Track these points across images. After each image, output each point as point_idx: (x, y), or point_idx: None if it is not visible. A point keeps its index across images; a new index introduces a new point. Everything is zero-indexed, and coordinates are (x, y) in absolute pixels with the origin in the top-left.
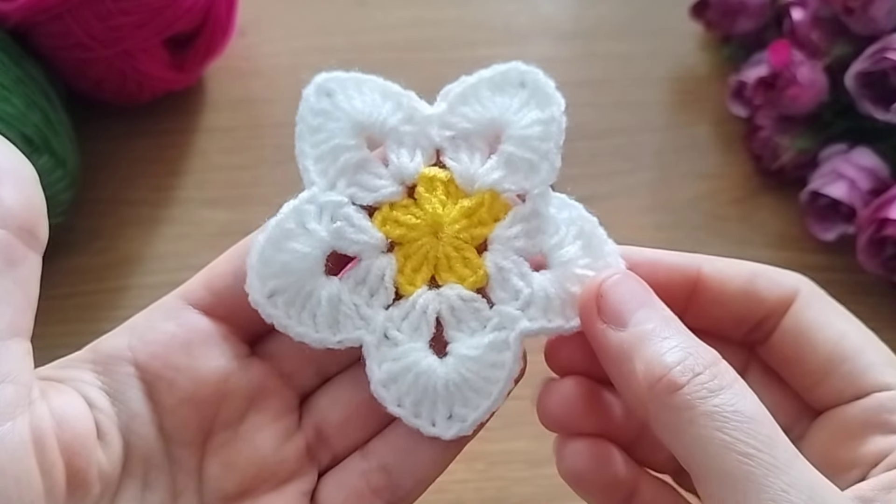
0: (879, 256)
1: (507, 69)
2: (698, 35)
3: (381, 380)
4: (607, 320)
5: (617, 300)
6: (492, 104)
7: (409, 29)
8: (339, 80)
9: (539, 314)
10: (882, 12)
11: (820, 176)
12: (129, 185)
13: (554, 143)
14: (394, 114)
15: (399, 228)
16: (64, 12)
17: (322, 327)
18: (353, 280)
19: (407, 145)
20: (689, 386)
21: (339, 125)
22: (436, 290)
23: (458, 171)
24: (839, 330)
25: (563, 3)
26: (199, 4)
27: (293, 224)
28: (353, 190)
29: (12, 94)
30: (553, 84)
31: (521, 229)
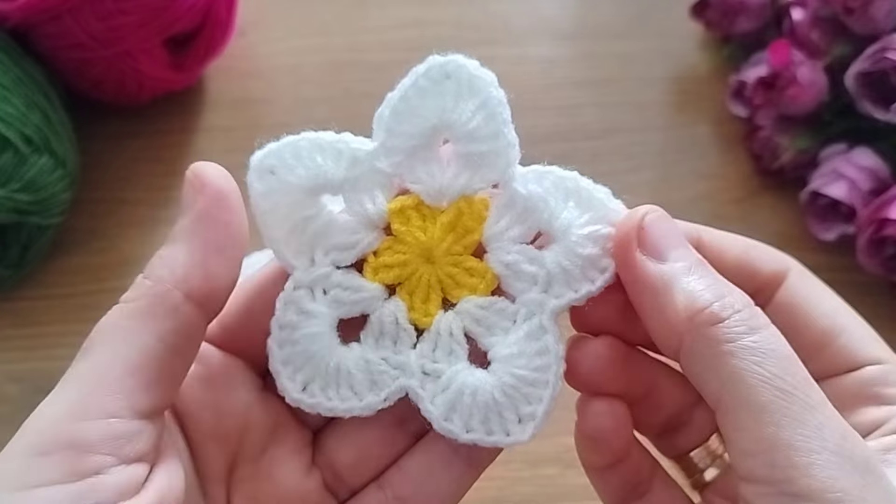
0: (879, 256)
1: (426, 68)
2: (698, 35)
3: (440, 415)
4: (647, 252)
5: (658, 235)
6: (427, 112)
7: (409, 29)
8: (274, 153)
9: (563, 289)
10: (882, 12)
11: (820, 176)
12: (129, 185)
13: (501, 121)
14: (338, 165)
15: (392, 271)
16: (64, 12)
17: (363, 394)
18: (372, 337)
19: (364, 189)
20: (730, 320)
21: (293, 199)
22: (452, 309)
23: (423, 191)
24: (832, 306)
25: (563, 4)
26: (199, 4)
27: (293, 314)
28: (333, 255)
29: (12, 95)
30: (477, 63)
31: (510, 218)
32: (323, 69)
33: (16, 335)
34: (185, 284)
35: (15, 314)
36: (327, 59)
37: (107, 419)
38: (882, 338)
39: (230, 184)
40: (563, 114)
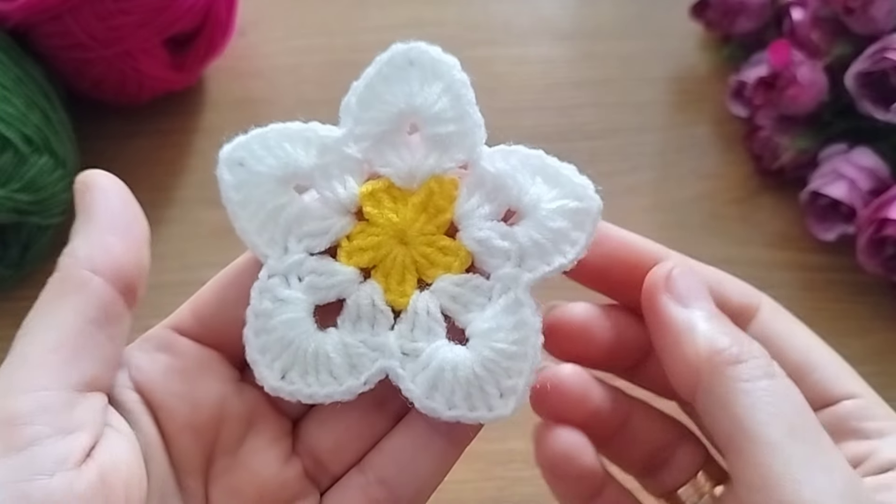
0: (879, 256)
1: (389, 56)
2: (698, 35)
3: (422, 393)
4: (674, 297)
5: (684, 285)
6: (393, 97)
7: (410, 29)
8: (242, 145)
9: (536, 262)
10: (882, 12)
11: (820, 176)
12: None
13: (466, 102)
14: (307, 153)
15: (366, 254)
16: (64, 12)
17: (344, 378)
18: (349, 321)
19: (334, 176)
20: (748, 363)
21: (264, 189)
22: (427, 289)
23: (393, 174)
24: (805, 341)
25: (563, 3)
26: (199, 4)
27: (268, 303)
28: (306, 242)
29: (12, 94)
30: (439, 49)
31: (480, 196)
32: (323, 69)
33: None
34: (88, 262)
35: (15, 314)
36: (328, 59)
37: (36, 392)
38: (882, 338)
39: (114, 179)
40: (563, 114)
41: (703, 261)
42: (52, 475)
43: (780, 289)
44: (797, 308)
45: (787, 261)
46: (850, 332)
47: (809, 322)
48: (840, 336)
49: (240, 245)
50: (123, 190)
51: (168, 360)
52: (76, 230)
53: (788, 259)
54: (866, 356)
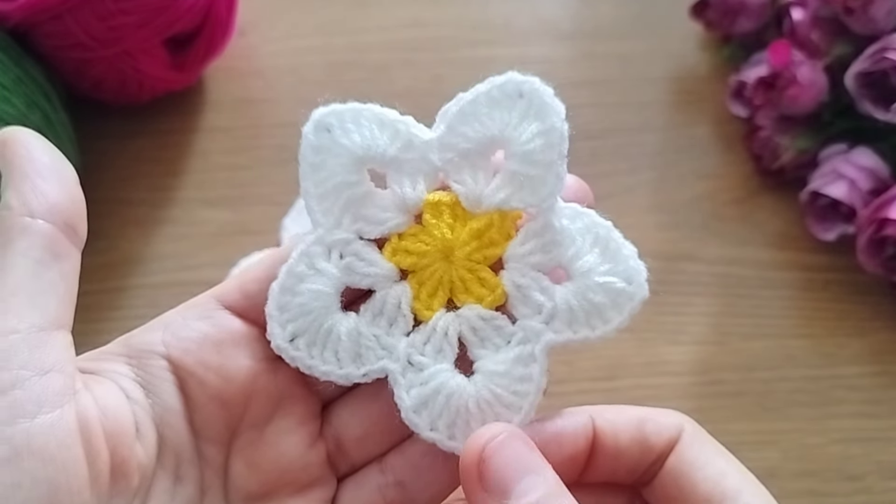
0: (879, 256)
1: (504, 81)
2: (698, 35)
3: (411, 406)
4: (489, 490)
5: (500, 467)
6: (490, 121)
7: (410, 29)
8: (336, 113)
9: (564, 326)
10: (882, 12)
11: (820, 176)
12: (130, 185)
13: (557, 153)
14: (392, 143)
15: (410, 257)
16: (64, 12)
17: (346, 362)
18: (371, 312)
19: (408, 173)
20: None
21: (340, 161)
22: (454, 311)
23: (463, 193)
24: (719, 469)
25: (563, 4)
26: (200, 4)
27: (304, 266)
28: (360, 225)
29: (12, 94)
30: (551, 91)
31: (535, 245)
32: (323, 69)
33: None
34: (25, 208)
35: None
36: (327, 59)
37: (8, 336)
38: (882, 338)
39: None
40: None
41: (704, 261)
42: (33, 417)
43: (780, 289)
44: (797, 308)
45: (787, 261)
46: (849, 331)
47: (809, 322)
48: (840, 336)
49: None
50: (41, 140)
51: (206, 330)
52: (5, 185)
53: (788, 259)
54: (866, 356)
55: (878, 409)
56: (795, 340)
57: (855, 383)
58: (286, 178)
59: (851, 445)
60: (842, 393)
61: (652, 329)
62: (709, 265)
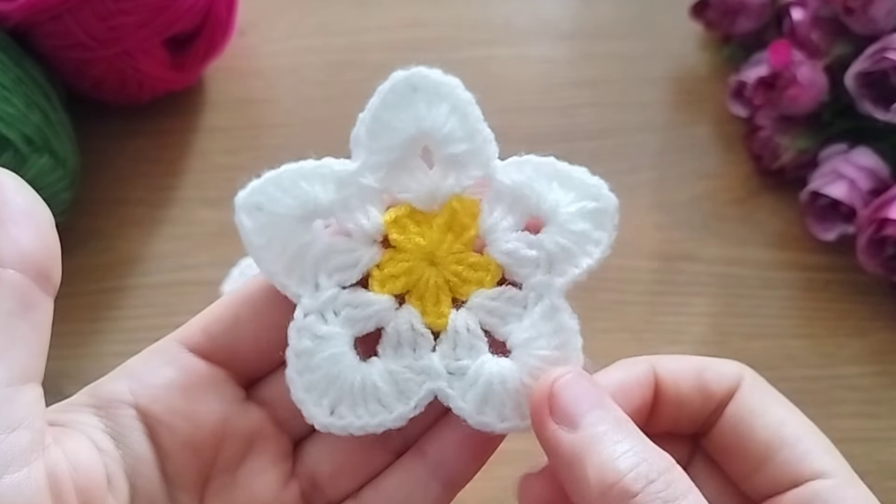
0: (879, 256)
1: (391, 84)
2: (698, 35)
3: (474, 410)
4: (559, 421)
5: (569, 400)
6: (401, 123)
7: (410, 29)
8: (258, 189)
9: (565, 265)
10: (882, 12)
11: (820, 176)
12: (129, 184)
13: (474, 120)
14: (325, 189)
15: (398, 280)
16: (64, 12)
17: (393, 405)
18: (391, 348)
19: (355, 207)
20: (642, 494)
21: (285, 230)
22: (464, 306)
23: (413, 198)
24: (778, 417)
25: (563, 3)
26: (199, 5)
27: (307, 341)
28: (337, 277)
29: (12, 94)
30: (439, 71)
31: (501, 209)
32: (323, 69)
33: None
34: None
35: None
36: (327, 59)
37: None
38: (882, 337)
39: (2, 173)
40: (563, 114)
41: (704, 261)
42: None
43: (780, 289)
44: (797, 308)
45: (787, 261)
46: (850, 331)
47: (809, 322)
48: (840, 336)
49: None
50: (15, 178)
51: (172, 376)
52: None
53: (788, 259)
54: (866, 356)
55: (878, 409)
56: (795, 340)
57: (855, 383)
58: None
59: (852, 445)
60: (842, 393)
61: (651, 329)
62: (709, 265)
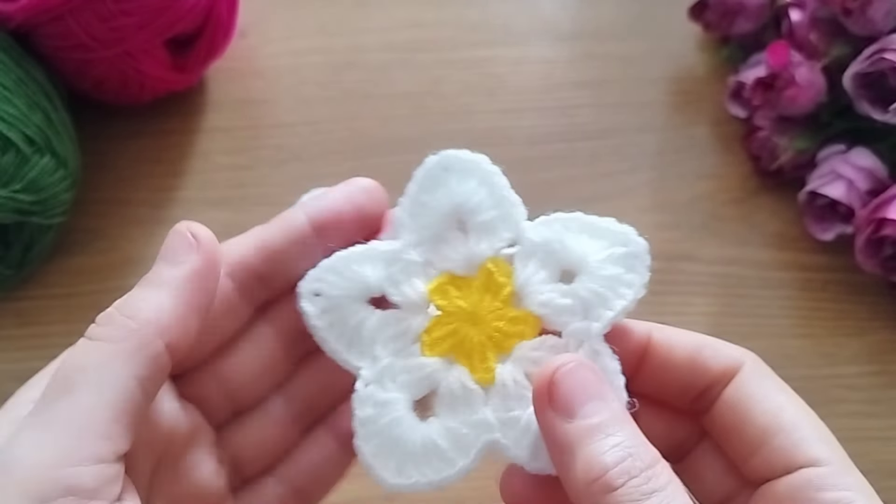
0: (877, 256)
1: (426, 169)
2: (697, 36)
3: (529, 456)
4: (557, 409)
5: (568, 390)
6: (436, 203)
7: (410, 30)
8: (316, 277)
9: (600, 310)
10: (880, 13)
11: (818, 176)
12: (131, 185)
13: (502, 189)
14: (374, 269)
15: (445, 342)
16: (65, 13)
17: (456, 459)
18: (446, 407)
19: (401, 282)
20: (623, 488)
21: (343, 312)
22: (508, 360)
23: (452, 267)
24: (778, 403)
25: (562, 4)
26: (201, 5)
27: (370, 409)
28: (391, 347)
29: (14, 95)
30: (466, 150)
31: (534, 265)
32: (323, 70)
33: (18, 335)
34: (167, 334)
35: (17, 314)
36: (328, 60)
37: (98, 464)
38: (880, 337)
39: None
40: (562, 114)
41: (703, 261)
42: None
43: (778, 289)
44: (796, 308)
45: (785, 261)
46: (848, 331)
47: (808, 322)
48: (838, 336)
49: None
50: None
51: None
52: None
53: (787, 259)
54: (864, 356)
55: (877, 409)
56: (794, 340)
57: (854, 383)
58: (287, 178)
59: (850, 445)
60: (841, 392)
61: None
62: (708, 265)
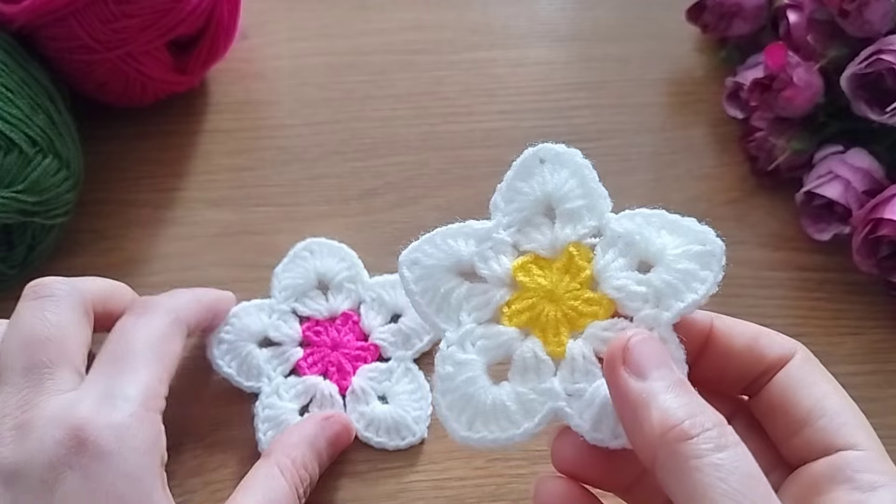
0: (874, 257)
1: (523, 158)
2: (695, 37)
3: (590, 427)
4: (631, 370)
5: (641, 354)
6: (530, 189)
7: (410, 32)
8: (416, 248)
9: (672, 301)
10: (877, 15)
11: (815, 177)
12: (133, 186)
13: (591, 181)
14: (467, 244)
15: (524, 314)
16: (68, 15)
17: (520, 422)
18: (518, 373)
19: (490, 258)
20: (698, 438)
21: (435, 280)
22: (580, 337)
23: (538, 248)
24: (824, 390)
25: (560, 7)
26: (202, 7)
27: (450, 367)
28: (475, 315)
29: (17, 97)
30: (563, 145)
31: (613, 253)
32: (325, 71)
33: None
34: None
35: None
36: (329, 62)
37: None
38: (878, 337)
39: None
40: (560, 115)
41: None
42: None
43: (774, 289)
44: (792, 308)
45: (782, 261)
46: (844, 331)
47: (804, 321)
48: (835, 335)
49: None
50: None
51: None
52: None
53: (783, 259)
54: (861, 355)
55: (873, 408)
56: None
57: (850, 382)
58: (288, 178)
59: None
60: None
61: None
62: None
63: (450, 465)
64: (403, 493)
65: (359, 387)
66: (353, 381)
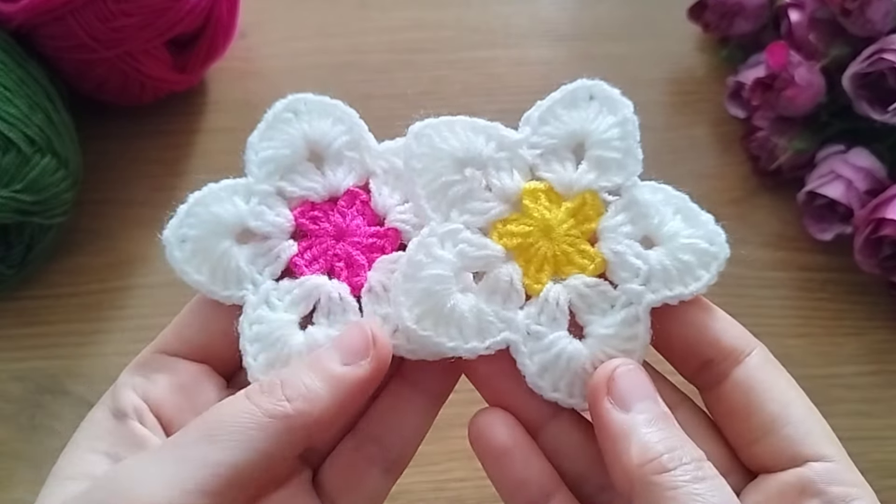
0: (876, 256)
1: (574, 87)
2: (696, 36)
3: (536, 372)
4: (614, 401)
5: (626, 386)
6: (569, 119)
7: (410, 31)
8: (433, 125)
9: (660, 285)
10: (879, 14)
11: (817, 176)
12: (132, 185)
13: (633, 139)
14: (487, 145)
15: (515, 238)
16: (66, 14)
17: (470, 337)
18: (486, 291)
19: (504, 168)
20: (676, 471)
21: (442, 164)
22: (561, 283)
23: (555, 180)
24: (789, 396)
25: (561, 5)
26: (201, 6)
27: (422, 256)
28: (466, 217)
29: (15, 96)
30: (617, 91)
31: (625, 217)
32: (324, 70)
33: (19, 334)
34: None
35: (18, 313)
36: (328, 61)
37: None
38: (879, 337)
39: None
40: None
41: None
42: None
43: (777, 288)
44: (794, 308)
45: (784, 260)
46: (847, 331)
47: (807, 321)
48: (837, 335)
49: None
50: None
51: (168, 379)
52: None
53: (785, 259)
54: (863, 355)
55: (875, 408)
56: (793, 340)
57: (852, 382)
58: None
59: (849, 444)
60: (839, 392)
61: None
62: None
63: (450, 465)
64: (404, 495)
65: (378, 283)
66: (370, 276)
